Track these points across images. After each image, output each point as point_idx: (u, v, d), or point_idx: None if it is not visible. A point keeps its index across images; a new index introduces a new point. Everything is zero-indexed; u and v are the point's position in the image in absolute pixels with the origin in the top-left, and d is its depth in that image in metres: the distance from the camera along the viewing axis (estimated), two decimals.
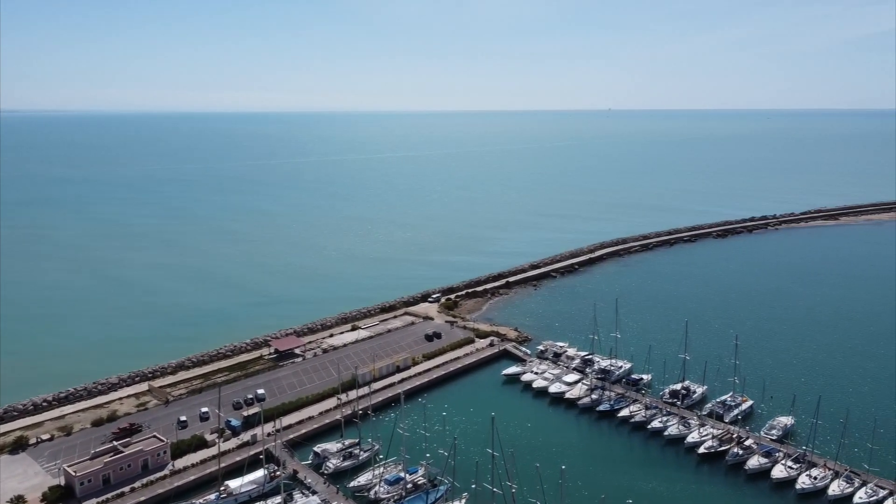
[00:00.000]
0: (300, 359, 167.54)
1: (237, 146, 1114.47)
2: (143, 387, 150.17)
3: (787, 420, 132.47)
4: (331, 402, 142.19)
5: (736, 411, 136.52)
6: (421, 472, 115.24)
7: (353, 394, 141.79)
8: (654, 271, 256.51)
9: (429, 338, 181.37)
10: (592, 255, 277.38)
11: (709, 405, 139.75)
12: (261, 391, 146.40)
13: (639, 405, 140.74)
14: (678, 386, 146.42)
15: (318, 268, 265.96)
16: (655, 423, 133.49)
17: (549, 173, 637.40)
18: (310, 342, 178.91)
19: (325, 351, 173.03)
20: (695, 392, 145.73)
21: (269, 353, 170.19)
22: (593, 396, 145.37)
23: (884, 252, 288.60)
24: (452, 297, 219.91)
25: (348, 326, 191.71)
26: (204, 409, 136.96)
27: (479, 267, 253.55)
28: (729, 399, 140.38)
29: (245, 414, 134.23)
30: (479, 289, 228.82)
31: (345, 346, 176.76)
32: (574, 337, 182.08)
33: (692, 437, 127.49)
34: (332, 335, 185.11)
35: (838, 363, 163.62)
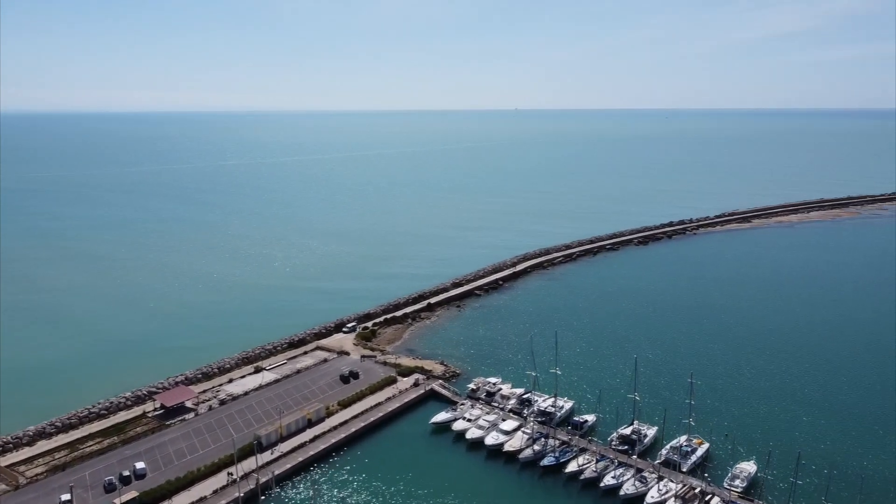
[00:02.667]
0: (192, 414, 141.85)
1: (109, 148, 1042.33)
2: None
3: (749, 467, 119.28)
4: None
5: (693, 458, 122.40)
6: None
7: (258, 459, 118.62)
8: (582, 286, 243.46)
9: (345, 379, 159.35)
10: (516, 269, 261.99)
11: (663, 451, 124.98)
12: (140, 465, 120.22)
13: (587, 456, 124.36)
14: (628, 430, 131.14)
15: (210, 299, 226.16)
16: (608, 479, 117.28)
17: (458, 178, 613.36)
18: (204, 392, 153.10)
19: (222, 402, 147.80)
20: (645, 435, 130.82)
21: (154, 410, 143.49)
22: (535, 448, 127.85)
23: (800, 256, 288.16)
24: (370, 325, 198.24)
25: (251, 368, 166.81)
26: (65, 497, 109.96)
27: (397, 287, 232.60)
28: (684, 444, 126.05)
29: (117, 502, 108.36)
30: (399, 313, 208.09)
31: (246, 394, 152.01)
32: (507, 371, 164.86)
33: (652, 497, 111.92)
34: (231, 381, 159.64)
35: (783, 390, 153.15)
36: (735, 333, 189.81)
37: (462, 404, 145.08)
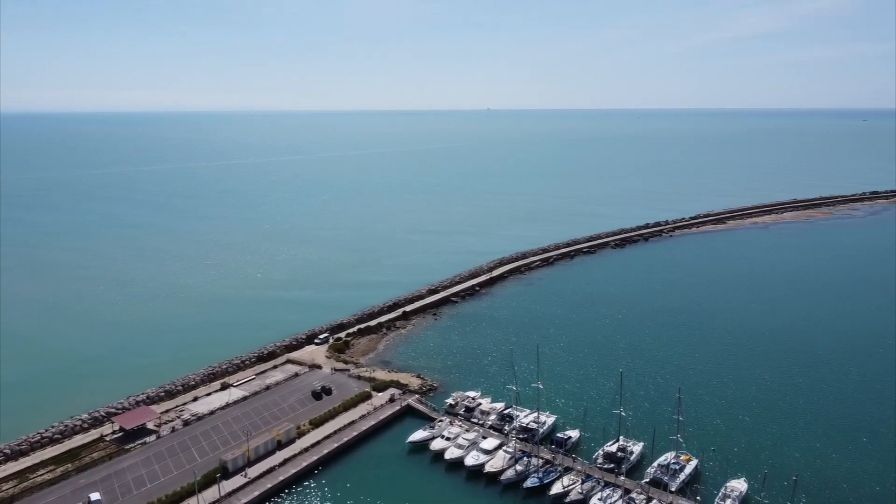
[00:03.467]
0: (153, 437, 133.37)
1: (80, 150, 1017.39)
2: None
3: (740, 486, 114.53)
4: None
5: (682, 476, 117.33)
6: None
7: (221, 488, 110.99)
8: (560, 291, 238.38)
9: (317, 395, 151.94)
10: (493, 275, 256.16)
11: (650, 469, 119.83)
12: (95, 496, 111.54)
13: (572, 476, 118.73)
14: (613, 447, 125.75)
15: (174, 311, 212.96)
16: (595, 502, 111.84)
17: (430, 180, 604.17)
18: (167, 412, 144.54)
19: (186, 423, 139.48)
20: (632, 452, 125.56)
21: (112, 433, 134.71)
22: (517, 468, 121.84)
23: (778, 258, 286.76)
24: (343, 335, 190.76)
25: (217, 384, 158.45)
26: None
27: (371, 295, 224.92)
28: (672, 461, 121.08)
29: None
30: (373, 322, 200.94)
31: (212, 413, 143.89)
32: (486, 383, 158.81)
33: None
34: (196, 399, 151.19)
35: (768, 399, 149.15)
36: (717, 340, 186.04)
37: (440, 421, 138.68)
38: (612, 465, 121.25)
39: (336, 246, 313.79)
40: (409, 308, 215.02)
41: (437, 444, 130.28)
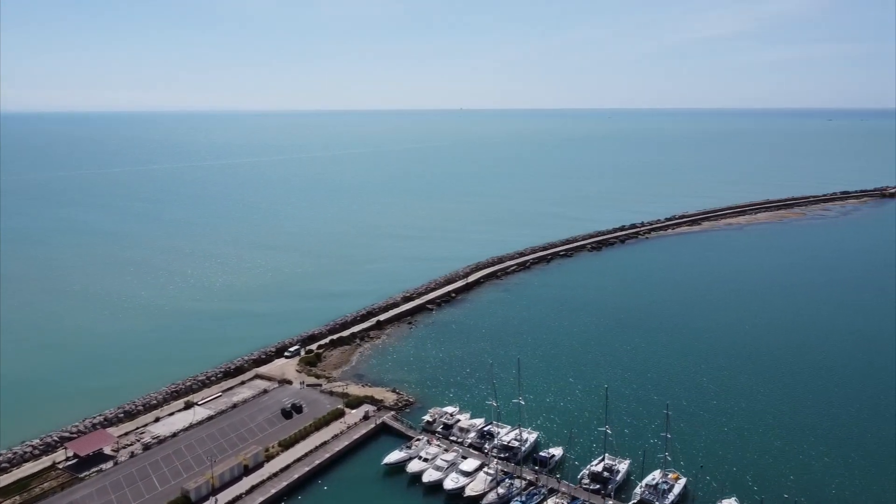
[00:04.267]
0: (111, 463, 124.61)
1: (44, 151, 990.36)
2: None
3: None
4: None
5: (671, 497, 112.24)
6: None
7: None
8: (538, 297, 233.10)
9: (287, 413, 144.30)
10: (468, 280, 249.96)
11: (638, 490, 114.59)
12: None
13: (557, 498, 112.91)
14: (599, 466, 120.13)
15: (132, 325, 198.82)
16: None
17: (402, 182, 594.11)
18: (126, 434, 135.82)
19: (147, 447, 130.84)
20: (618, 471, 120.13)
21: (66, 460, 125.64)
22: (500, 491, 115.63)
23: (756, 260, 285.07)
24: (314, 347, 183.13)
25: (181, 403, 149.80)
26: None
27: (344, 304, 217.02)
28: (660, 480, 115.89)
29: None
30: (346, 333, 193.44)
31: (175, 435, 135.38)
32: (465, 398, 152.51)
33: None
34: (158, 419, 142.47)
35: (754, 410, 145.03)
36: (700, 349, 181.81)
37: (417, 440, 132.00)
38: (598, 486, 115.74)
39: (307, 252, 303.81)
40: (383, 317, 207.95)
41: (414, 466, 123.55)
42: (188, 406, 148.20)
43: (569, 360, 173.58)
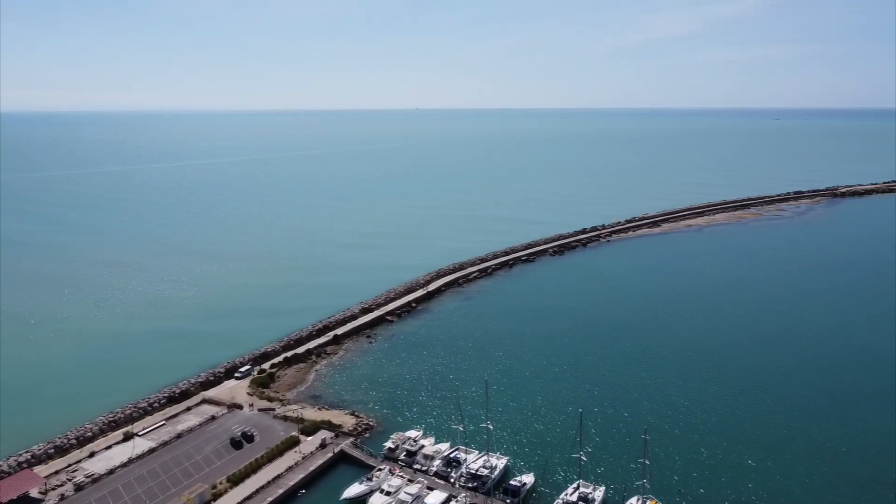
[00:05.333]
0: None
1: None
2: None
3: None
4: None
5: None
6: None
7: None
8: (502, 306, 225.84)
9: (236, 443, 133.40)
10: (429, 289, 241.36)
11: None
12: None
13: None
14: (574, 495, 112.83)
15: (64, 350, 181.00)
16: None
17: (357, 185, 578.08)
18: (56, 473, 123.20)
19: (79, 487, 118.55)
20: (593, 499, 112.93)
21: None
22: None
23: (719, 263, 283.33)
24: (267, 367, 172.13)
25: (119, 434, 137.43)
26: None
27: (298, 318, 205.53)
28: None
29: None
30: (302, 350, 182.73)
31: (112, 472, 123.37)
32: (429, 419, 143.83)
33: None
34: (93, 454, 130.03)
35: (726, 426, 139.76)
36: (668, 358, 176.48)
37: (379, 469, 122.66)
38: None
39: (257, 262, 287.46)
40: (340, 331, 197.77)
41: (376, 501, 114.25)
42: (127, 437, 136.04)
43: (536, 376, 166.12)
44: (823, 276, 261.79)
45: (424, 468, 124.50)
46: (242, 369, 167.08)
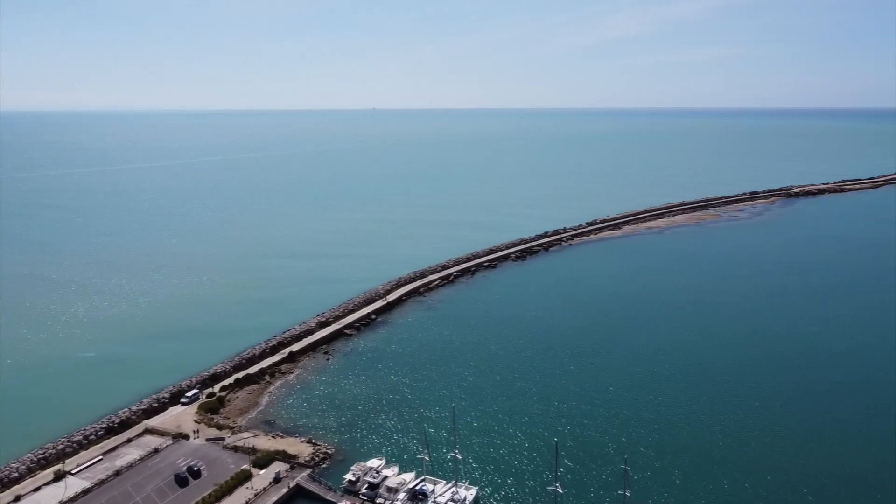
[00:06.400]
0: None
1: None
2: None
3: None
4: None
5: None
6: None
7: None
8: (465, 317, 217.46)
9: (182, 480, 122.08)
10: (389, 299, 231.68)
11: None
12: None
13: None
14: None
15: None
16: None
17: (313, 189, 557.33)
18: None
19: None
20: None
21: None
22: None
23: (681, 267, 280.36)
24: (216, 389, 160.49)
25: (50, 473, 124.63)
26: None
27: (250, 334, 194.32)
28: None
29: None
30: (254, 369, 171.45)
31: None
32: (391, 445, 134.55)
33: None
34: (18, 498, 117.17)
35: (703, 447, 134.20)
36: (642, 373, 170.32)
37: None
38: None
39: (205, 275, 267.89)
40: (296, 347, 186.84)
41: None
42: (59, 477, 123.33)
43: (503, 394, 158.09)
44: (787, 278, 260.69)
45: (388, 502, 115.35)
46: (189, 394, 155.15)
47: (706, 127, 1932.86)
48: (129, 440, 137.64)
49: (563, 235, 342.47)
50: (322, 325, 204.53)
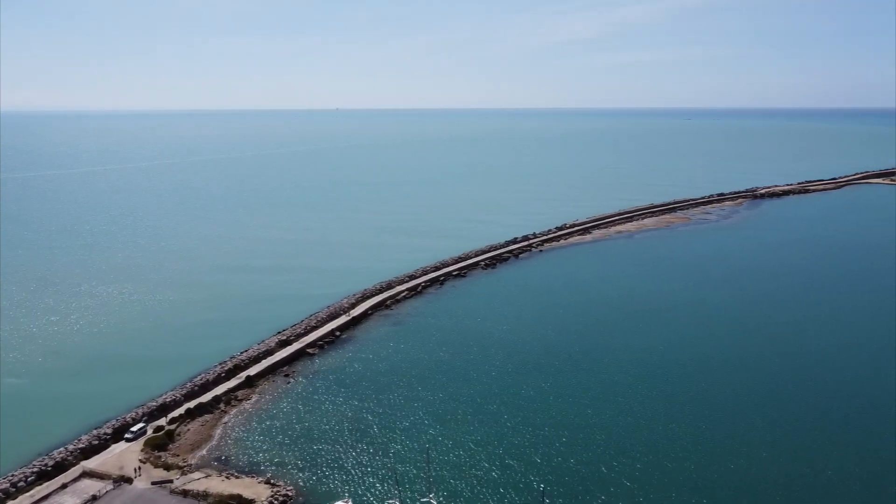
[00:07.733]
0: None
1: None
2: None
3: None
4: None
5: None
6: None
7: None
8: (435, 332, 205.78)
9: None
10: (354, 314, 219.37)
11: None
12: None
13: None
14: None
15: None
16: None
17: (268, 193, 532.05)
18: None
19: None
20: None
21: None
22: None
23: (656, 274, 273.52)
24: (165, 422, 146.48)
25: None
26: None
27: (202, 355, 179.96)
28: None
29: None
30: (208, 397, 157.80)
31: None
32: (358, 483, 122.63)
33: None
34: None
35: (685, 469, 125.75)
36: (624, 396, 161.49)
37: None
38: None
39: (151, 292, 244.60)
40: (253, 370, 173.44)
41: None
42: None
43: (480, 423, 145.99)
44: (760, 283, 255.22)
45: None
46: (134, 428, 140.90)
47: (667, 127, 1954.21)
48: (64, 486, 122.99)
49: (532, 241, 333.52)
50: (283, 343, 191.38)
